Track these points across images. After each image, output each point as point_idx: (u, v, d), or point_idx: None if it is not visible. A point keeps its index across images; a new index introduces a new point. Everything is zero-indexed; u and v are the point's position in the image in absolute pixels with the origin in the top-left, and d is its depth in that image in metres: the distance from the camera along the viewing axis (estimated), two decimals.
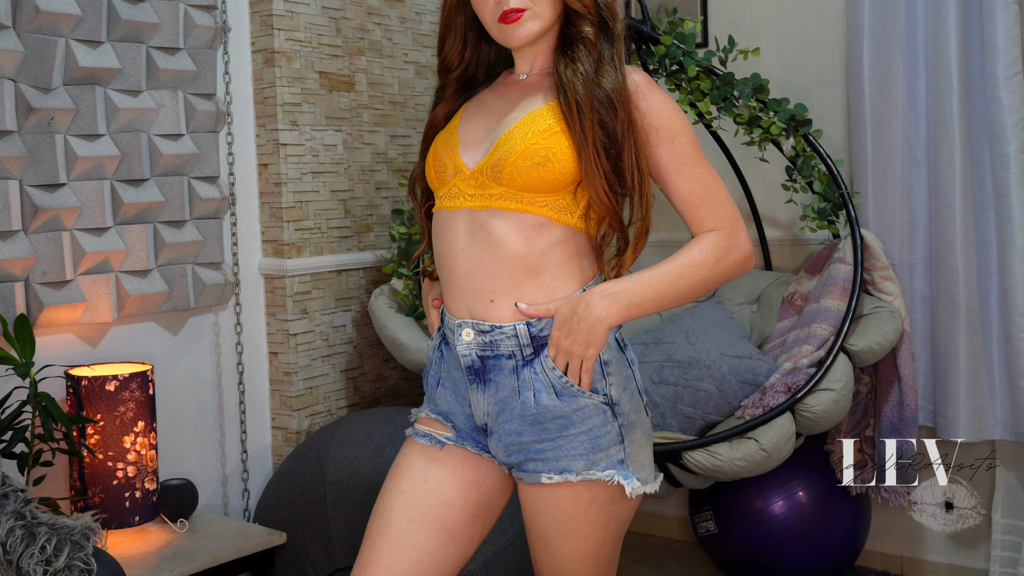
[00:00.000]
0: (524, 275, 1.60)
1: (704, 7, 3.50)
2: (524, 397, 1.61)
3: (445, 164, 1.66)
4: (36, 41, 2.36)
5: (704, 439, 2.62)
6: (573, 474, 1.59)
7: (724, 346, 2.92)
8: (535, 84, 1.69)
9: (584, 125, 1.56)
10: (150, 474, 2.41)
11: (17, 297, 2.34)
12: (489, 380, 1.64)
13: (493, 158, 1.60)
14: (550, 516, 1.63)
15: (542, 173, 1.56)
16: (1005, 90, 2.77)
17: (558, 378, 1.59)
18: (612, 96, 1.57)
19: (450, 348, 1.69)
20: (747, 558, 2.98)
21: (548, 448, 1.61)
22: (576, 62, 1.60)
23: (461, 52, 1.74)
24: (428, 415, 1.75)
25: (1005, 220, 2.81)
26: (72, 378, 2.36)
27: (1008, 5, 2.76)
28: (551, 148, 1.57)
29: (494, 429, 1.66)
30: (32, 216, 2.35)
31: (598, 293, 1.58)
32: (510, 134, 1.60)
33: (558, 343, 1.58)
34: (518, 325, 1.60)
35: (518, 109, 1.65)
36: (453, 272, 1.65)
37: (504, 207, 1.59)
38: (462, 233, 1.63)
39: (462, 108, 1.75)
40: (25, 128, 2.35)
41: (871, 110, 3.02)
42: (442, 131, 1.72)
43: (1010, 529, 2.95)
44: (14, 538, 1.84)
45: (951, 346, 2.90)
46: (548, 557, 1.67)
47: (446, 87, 1.76)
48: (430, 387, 1.76)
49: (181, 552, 2.33)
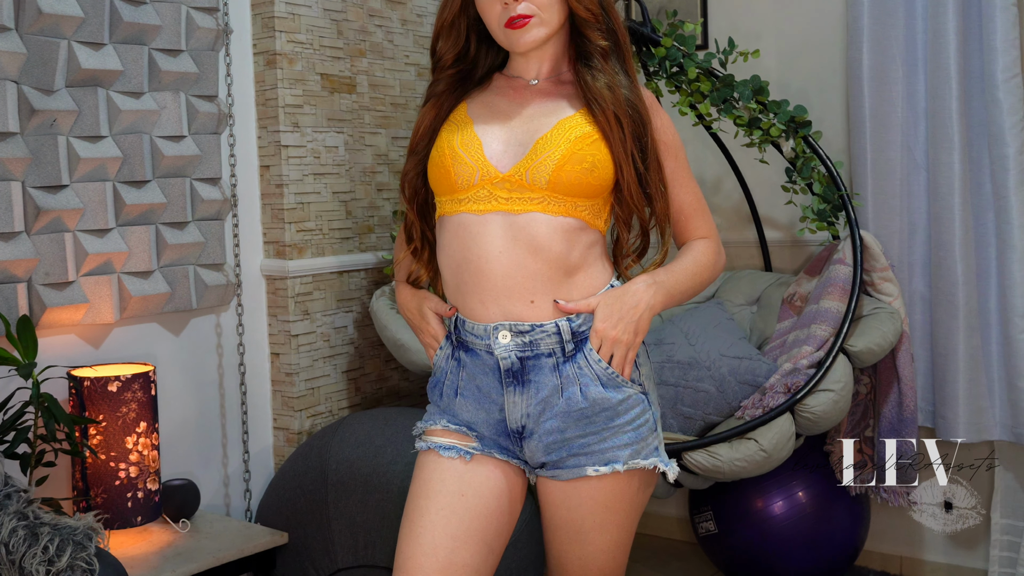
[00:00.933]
0: (563, 276, 1.64)
1: (704, 9, 3.50)
2: (569, 392, 1.63)
3: (470, 166, 1.65)
4: (39, 43, 2.36)
5: (704, 439, 2.62)
6: (620, 464, 1.64)
7: (724, 347, 2.92)
8: (552, 91, 1.71)
9: (623, 136, 1.64)
10: (152, 474, 2.42)
11: (20, 298, 2.34)
12: (528, 381, 1.65)
13: (533, 162, 1.61)
14: (588, 509, 1.66)
15: (590, 179, 1.62)
16: (1004, 92, 2.78)
17: (604, 369, 1.64)
18: (639, 108, 1.67)
19: (473, 354, 1.68)
20: (747, 558, 2.98)
21: (593, 441, 1.64)
22: (600, 72, 1.66)
23: (461, 51, 1.73)
24: (447, 426, 1.72)
25: (1004, 221, 2.82)
26: (74, 379, 2.37)
27: (1007, 7, 2.77)
28: (595, 155, 1.63)
29: (534, 430, 1.66)
30: (35, 217, 2.35)
31: (642, 282, 1.67)
32: (548, 139, 1.63)
33: (604, 334, 1.63)
34: (560, 322, 1.63)
35: (547, 115, 1.67)
36: (487, 276, 1.64)
37: (546, 211, 1.62)
38: (498, 237, 1.63)
39: (461, 108, 1.74)
40: (28, 130, 2.36)
41: (870, 112, 3.02)
42: (451, 131, 1.70)
43: (1009, 529, 2.96)
44: (17, 538, 1.85)
45: (950, 347, 2.91)
46: (579, 550, 1.69)
47: (439, 83, 1.75)
48: (446, 398, 1.73)
49: (183, 552, 2.34)
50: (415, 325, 1.81)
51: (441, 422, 1.73)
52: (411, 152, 1.77)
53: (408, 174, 1.77)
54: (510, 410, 1.67)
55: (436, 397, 1.76)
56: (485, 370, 1.67)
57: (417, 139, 1.75)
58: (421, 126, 1.75)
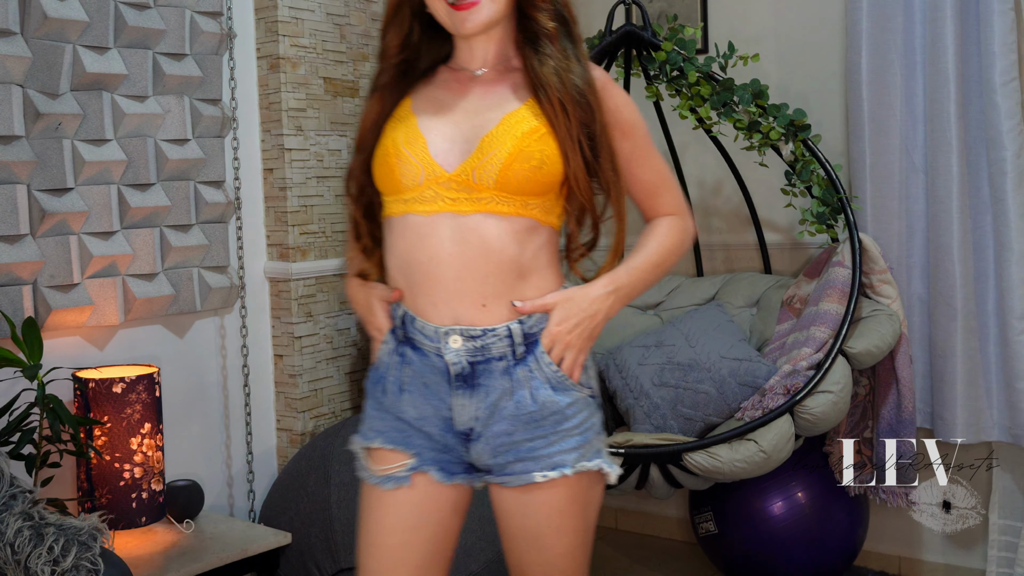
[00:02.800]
0: (516, 278, 1.58)
1: (704, 14, 3.52)
2: (519, 396, 1.58)
3: (415, 166, 1.57)
4: (44, 47, 2.38)
5: (704, 441, 2.63)
6: (568, 468, 1.59)
7: (724, 349, 2.93)
8: (498, 81, 1.64)
9: (569, 125, 1.56)
10: (156, 475, 2.43)
11: (25, 300, 2.35)
12: (478, 385, 1.59)
13: (479, 161, 1.55)
14: (543, 515, 1.61)
15: (539, 176, 1.56)
16: (1002, 95, 2.78)
17: (554, 372, 1.59)
18: (587, 95, 1.59)
19: (421, 354, 1.61)
20: (747, 558, 2.99)
21: (541, 445, 1.59)
22: (548, 58, 1.58)
23: (404, 39, 1.65)
24: (384, 445, 1.64)
25: (1002, 224, 2.83)
26: (79, 380, 2.38)
27: (1005, 11, 2.77)
28: (543, 150, 1.56)
29: (482, 432, 1.60)
30: (40, 220, 2.37)
31: (601, 288, 1.62)
32: (494, 136, 1.56)
33: (559, 337, 1.59)
34: (511, 325, 1.58)
35: (492, 109, 1.60)
36: (436, 278, 1.58)
37: (496, 211, 1.56)
38: (447, 239, 1.56)
39: (405, 103, 1.66)
40: (33, 133, 2.37)
41: (869, 115, 3.03)
42: (395, 128, 1.62)
43: (1006, 530, 2.97)
44: (22, 538, 1.85)
45: (948, 349, 2.91)
46: (538, 557, 1.63)
47: (383, 74, 1.67)
48: (390, 395, 1.65)
49: (187, 552, 2.35)
50: (363, 318, 1.73)
51: (377, 441, 1.65)
52: (358, 148, 1.68)
53: (354, 172, 1.68)
54: (458, 412, 1.61)
55: (378, 393, 1.67)
56: (433, 370, 1.61)
57: (363, 135, 1.66)
58: (367, 121, 1.66)
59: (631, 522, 3.76)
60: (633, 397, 3.02)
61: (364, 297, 1.72)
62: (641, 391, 3.00)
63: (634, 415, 3.01)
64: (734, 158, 3.30)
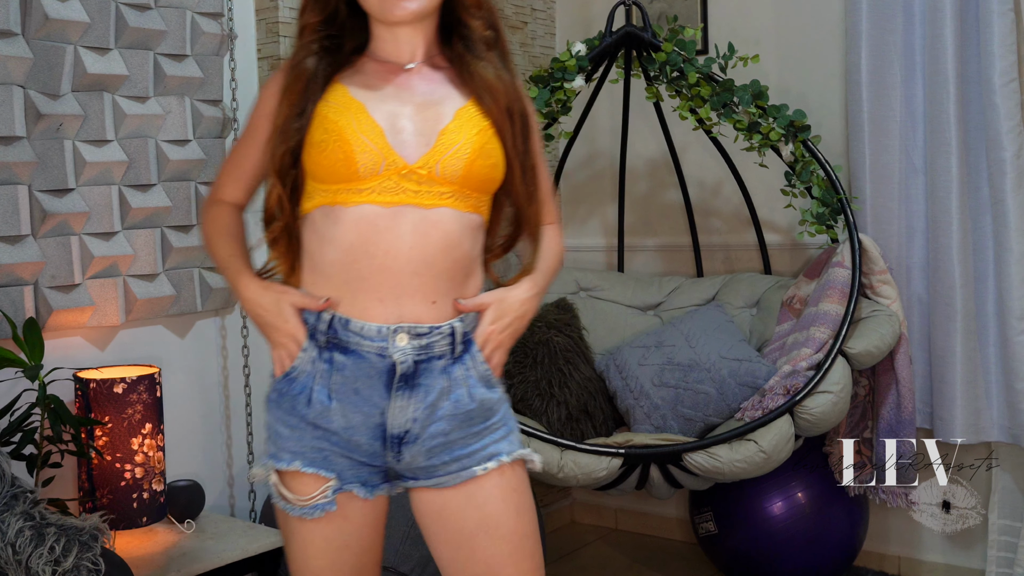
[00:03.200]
0: (464, 276, 1.59)
1: (704, 14, 3.52)
2: (457, 395, 1.57)
3: (374, 154, 1.51)
4: (45, 48, 2.38)
5: (704, 441, 2.64)
6: (504, 455, 1.60)
7: (724, 349, 2.94)
8: (432, 77, 1.61)
9: (514, 131, 1.58)
10: (157, 475, 2.44)
11: (26, 301, 2.36)
12: (418, 384, 1.56)
13: (443, 155, 1.53)
14: (498, 499, 1.59)
15: (495, 174, 1.57)
16: (1001, 96, 2.79)
17: (486, 370, 1.61)
18: (524, 102, 1.62)
19: (356, 356, 1.55)
20: (747, 558, 3.00)
21: (473, 442, 1.59)
22: (487, 63, 1.59)
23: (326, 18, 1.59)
24: (300, 469, 1.57)
25: (1001, 225, 2.84)
26: (80, 380, 2.39)
27: (1004, 13, 2.79)
28: (496, 150, 1.57)
29: (419, 434, 1.57)
30: (41, 221, 2.37)
31: (527, 291, 1.66)
32: (451, 131, 1.54)
33: (491, 336, 1.61)
34: (454, 323, 1.57)
35: (441, 103, 1.57)
36: (392, 272, 1.53)
37: (456, 206, 1.55)
38: (407, 232, 1.52)
39: (338, 89, 1.58)
40: (34, 134, 2.37)
41: (869, 116, 3.04)
42: (339, 114, 1.54)
43: (1006, 529, 2.98)
44: (23, 538, 1.85)
45: (948, 349, 2.92)
46: (504, 546, 1.60)
47: (303, 53, 1.58)
48: (316, 406, 1.56)
49: (188, 552, 2.35)
50: (269, 323, 1.60)
51: (296, 463, 1.57)
52: (280, 131, 1.55)
53: (284, 156, 1.56)
54: (395, 415, 1.56)
55: (300, 406, 1.58)
56: (370, 373, 1.55)
57: (286, 117, 1.55)
58: (286, 102, 1.56)
59: (631, 522, 3.77)
60: (633, 397, 3.03)
61: (272, 302, 1.60)
62: (641, 391, 3.01)
63: (634, 415, 3.02)
64: (734, 159, 3.31)
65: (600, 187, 3.85)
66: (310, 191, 1.57)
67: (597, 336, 3.36)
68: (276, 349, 1.62)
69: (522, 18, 3.80)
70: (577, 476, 2.68)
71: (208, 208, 1.71)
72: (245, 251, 1.68)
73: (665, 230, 3.69)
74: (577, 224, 3.91)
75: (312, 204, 1.57)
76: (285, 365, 1.61)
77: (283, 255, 1.61)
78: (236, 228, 1.70)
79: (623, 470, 2.71)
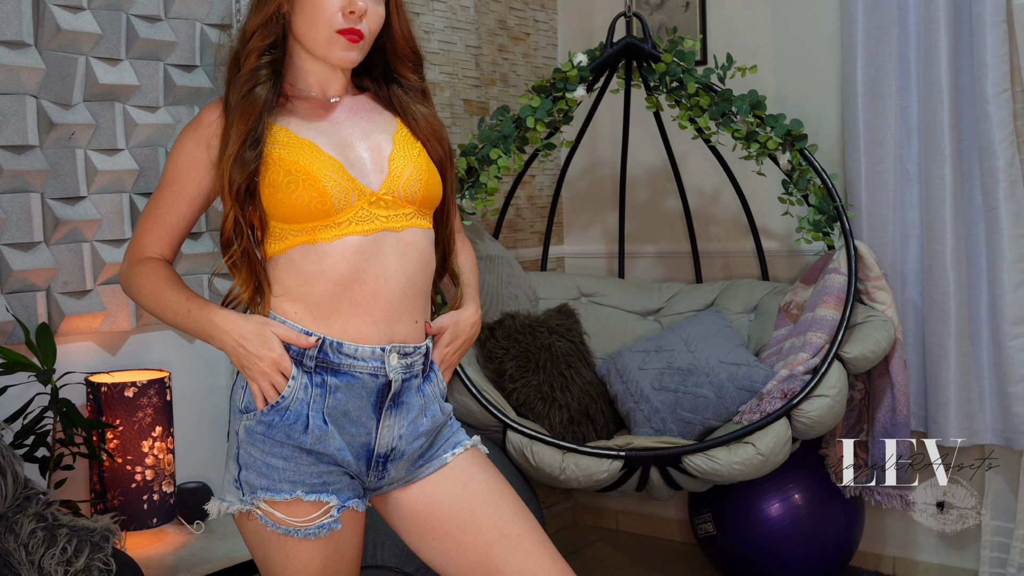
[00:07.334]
0: (429, 291, 1.71)
1: (703, 26, 3.55)
2: (432, 411, 1.68)
3: (344, 188, 1.56)
4: (57, 59, 2.40)
5: (703, 444, 2.66)
6: (466, 440, 1.74)
7: (723, 353, 2.96)
8: (356, 106, 1.69)
9: (442, 152, 1.71)
10: (167, 477, 2.45)
11: (39, 306, 2.37)
12: (402, 403, 1.64)
13: (398, 179, 1.61)
14: (478, 472, 1.69)
15: (439, 190, 1.69)
16: (994, 106, 2.81)
17: (444, 387, 1.75)
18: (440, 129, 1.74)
19: (349, 378, 1.58)
20: (745, 559, 3.02)
21: (436, 444, 1.71)
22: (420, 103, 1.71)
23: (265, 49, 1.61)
24: (303, 497, 1.56)
25: (994, 232, 2.86)
26: (92, 385, 2.39)
27: (997, 24, 2.80)
28: (434, 167, 1.68)
29: (404, 450, 1.65)
30: (53, 228, 2.39)
31: (473, 314, 1.79)
32: (399, 156, 1.64)
33: (447, 356, 1.75)
34: (428, 343, 1.69)
35: (376, 132, 1.66)
36: (383, 296, 1.59)
37: (419, 224, 1.65)
38: (391, 255, 1.59)
39: (278, 131, 1.59)
40: (47, 143, 2.39)
41: (864, 125, 3.05)
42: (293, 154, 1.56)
43: (999, 530, 2.99)
44: (36, 539, 1.87)
45: (942, 353, 2.94)
46: (507, 504, 1.66)
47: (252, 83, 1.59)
48: (314, 431, 1.56)
49: (197, 553, 2.36)
50: (251, 353, 1.55)
51: (297, 491, 1.56)
52: (235, 159, 1.53)
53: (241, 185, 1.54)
54: (383, 434, 1.62)
55: (296, 435, 1.56)
56: (361, 394, 1.59)
57: (240, 144, 1.54)
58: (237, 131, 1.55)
59: (631, 523, 3.78)
60: (633, 401, 3.04)
61: (254, 331, 1.56)
62: (641, 395, 3.03)
63: (634, 418, 3.04)
64: (732, 167, 3.33)
65: (601, 195, 3.88)
66: (278, 233, 1.58)
67: (598, 341, 3.38)
68: (259, 380, 1.57)
69: (524, 29, 3.83)
70: (579, 478, 2.70)
71: (136, 266, 1.66)
72: (184, 291, 1.63)
73: (665, 237, 3.72)
74: (579, 231, 3.94)
75: (285, 245, 1.58)
76: (271, 396, 1.57)
77: (245, 280, 1.59)
78: (177, 278, 1.67)
79: (624, 472, 2.73)
